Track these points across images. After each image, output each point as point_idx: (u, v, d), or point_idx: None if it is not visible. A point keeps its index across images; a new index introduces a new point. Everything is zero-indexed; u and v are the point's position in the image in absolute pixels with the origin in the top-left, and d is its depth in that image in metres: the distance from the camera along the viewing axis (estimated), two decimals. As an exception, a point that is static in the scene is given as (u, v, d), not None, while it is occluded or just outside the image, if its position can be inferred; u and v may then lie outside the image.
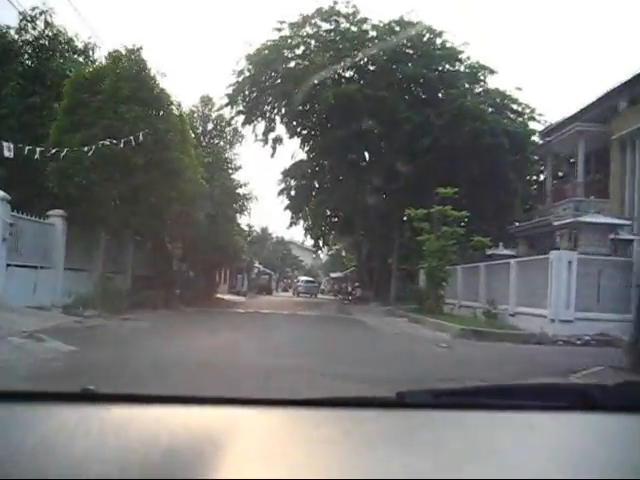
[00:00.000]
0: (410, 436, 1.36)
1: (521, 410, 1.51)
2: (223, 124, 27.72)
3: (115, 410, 1.37)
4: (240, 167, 25.11)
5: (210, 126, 24.24)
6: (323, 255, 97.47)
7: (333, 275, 67.15)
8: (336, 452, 1.21)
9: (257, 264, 64.61)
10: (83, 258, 16.67)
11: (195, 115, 23.84)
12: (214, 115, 25.79)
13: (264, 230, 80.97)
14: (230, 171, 24.45)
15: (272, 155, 33.36)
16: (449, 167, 27.44)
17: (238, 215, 26.72)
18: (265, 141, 32.95)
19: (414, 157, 28.55)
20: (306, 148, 35.95)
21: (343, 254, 58.22)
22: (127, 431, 1.26)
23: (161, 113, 14.46)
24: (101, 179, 13.45)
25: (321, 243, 39.86)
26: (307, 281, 57.52)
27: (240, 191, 25.35)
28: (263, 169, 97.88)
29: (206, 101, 26.23)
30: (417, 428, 1.41)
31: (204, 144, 22.16)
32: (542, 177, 32.26)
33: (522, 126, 29.90)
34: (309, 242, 42.10)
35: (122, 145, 12.86)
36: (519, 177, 29.63)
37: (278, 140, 33.23)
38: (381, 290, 34.91)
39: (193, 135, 20.55)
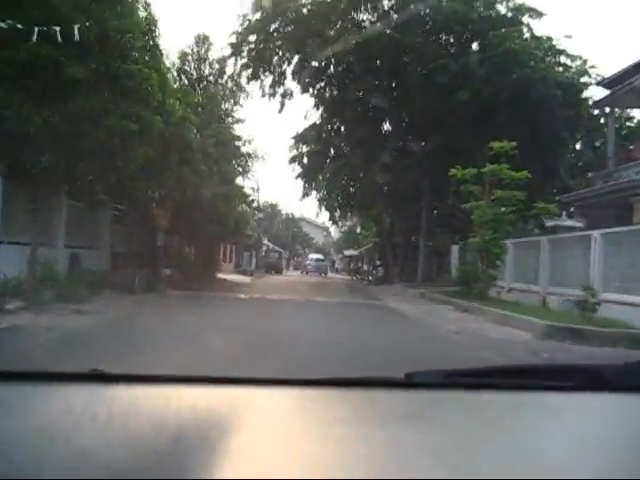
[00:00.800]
0: (420, 416, 1.35)
1: (532, 390, 1.50)
2: (223, 70, 23.28)
3: (123, 391, 1.36)
4: (243, 120, 20.73)
5: (207, 70, 19.66)
6: (335, 232, 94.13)
7: (347, 253, 62.87)
8: (345, 432, 1.19)
9: (266, 241, 60.77)
10: (36, 228, 12.50)
11: (189, 58, 19.30)
12: (212, 59, 21.24)
13: (274, 206, 77.79)
14: (231, 123, 20.13)
15: (280, 110, 28.93)
16: (492, 124, 23.06)
17: (241, 178, 22.50)
18: (273, 94, 28.56)
19: (450, 114, 24.16)
20: (321, 108, 31.53)
21: (358, 230, 53.90)
22: (135, 412, 1.25)
23: (117, 8, 9.94)
24: (19, 102, 8.76)
25: (337, 216, 35.48)
26: (317, 259, 54.65)
27: (243, 148, 21.19)
28: (272, 137, 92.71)
29: (202, 41, 21.71)
30: (426, 408, 1.41)
31: (199, 92, 17.76)
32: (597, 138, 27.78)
33: (575, 77, 25.32)
34: (321, 219, 38.49)
35: (50, 47, 8.42)
36: (573, 137, 25.12)
37: (288, 94, 28.81)
38: (406, 269, 30.73)
39: (186, 81, 16.39)
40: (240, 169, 21.27)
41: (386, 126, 29.67)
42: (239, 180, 22.84)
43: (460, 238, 29.07)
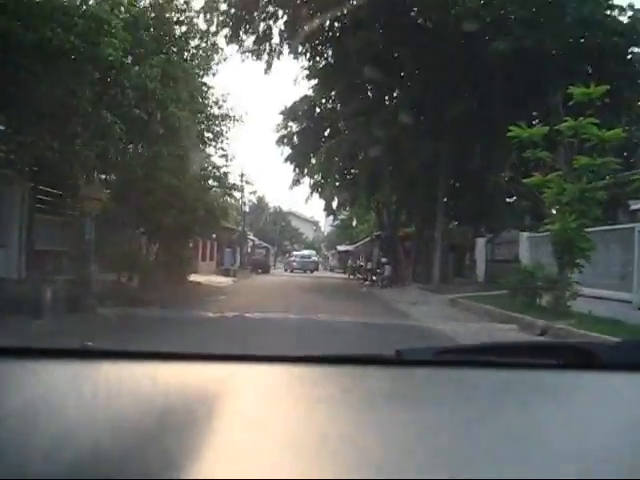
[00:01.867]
0: (410, 394, 1.34)
1: (523, 369, 1.49)
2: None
3: (109, 367, 1.36)
4: (214, 72, 15.40)
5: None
6: (326, 226, 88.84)
7: (341, 248, 57.74)
8: (334, 410, 1.19)
9: (252, 236, 55.53)
10: None
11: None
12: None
13: (260, 199, 72.79)
14: (199, 84, 14.89)
15: (266, 70, 23.61)
16: (538, 83, 18.11)
17: (213, 149, 17.24)
18: (257, 53, 23.27)
19: (479, 72, 19.18)
20: (313, 77, 26.39)
21: (354, 223, 48.76)
22: (121, 389, 1.24)
23: None
24: None
25: (334, 205, 30.28)
26: (302, 256, 49.80)
27: (214, 110, 15.95)
28: (255, 114, 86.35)
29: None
30: (417, 385, 1.41)
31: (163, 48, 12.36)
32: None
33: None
34: (310, 212, 33.35)
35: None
36: None
37: (275, 52, 23.51)
38: (418, 268, 25.71)
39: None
40: (209, 135, 16.03)
41: (394, 94, 24.53)
42: (211, 153, 17.42)
43: (488, 229, 24.10)
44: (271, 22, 23.99)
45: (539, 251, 16.78)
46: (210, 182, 17.46)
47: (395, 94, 24.44)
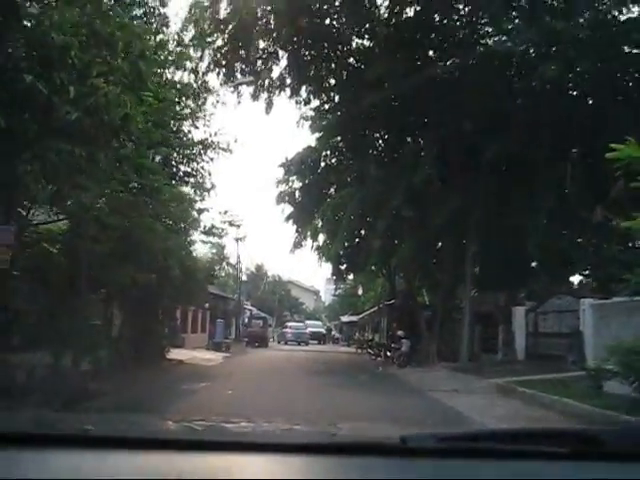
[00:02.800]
0: None
1: (528, 458, 1.45)
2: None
3: (109, 455, 1.34)
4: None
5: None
6: (327, 296, 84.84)
7: (345, 319, 53.68)
8: None
9: (249, 306, 51.62)
10: None
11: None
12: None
13: (259, 267, 69.51)
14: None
15: (267, 111, 20.22)
16: (594, 116, 14.92)
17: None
18: (257, 86, 19.92)
19: (522, 107, 15.99)
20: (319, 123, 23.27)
21: (360, 292, 44.94)
22: (122, 478, 1.24)
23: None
24: None
25: (344, 268, 26.46)
26: (297, 327, 46.86)
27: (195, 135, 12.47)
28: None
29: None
30: (422, 476, 1.37)
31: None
32: None
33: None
34: (310, 282, 29.66)
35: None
36: None
37: (274, 89, 20.19)
38: (442, 343, 21.79)
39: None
40: (186, 169, 12.47)
41: (413, 140, 21.33)
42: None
43: (528, 296, 20.36)
44: (270, 63, 21.02)
45: (610, 322, 13.30)
46: (179, 226, 13.67)
47: (414, 140, 21.17)
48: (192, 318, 32.71)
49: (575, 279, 23.33)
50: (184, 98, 13.34)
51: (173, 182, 11.63)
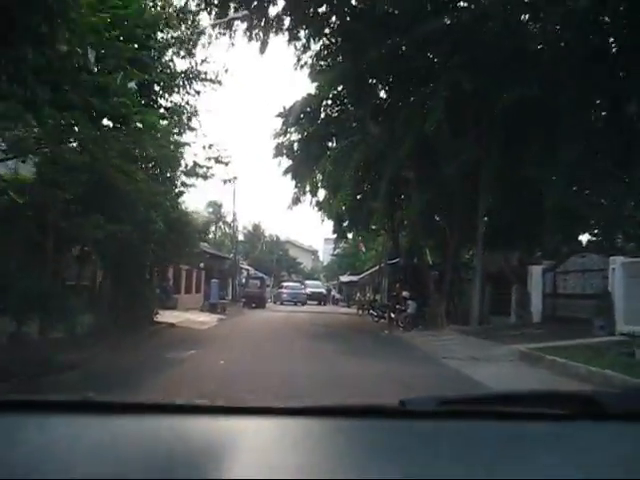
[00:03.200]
0: (414, 446, 1.31)
1: (528, 419, 1.46)
2: None
3: (111, 420, 1.34)
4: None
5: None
6: (325, 256, 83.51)
7: (344, 279, 52.40)
8: (338, 463, 1.19)
9: (246, 266, 50.35)
10: None
11: None
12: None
13: (256, 227, 68.31)
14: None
15: (262, 50, 18.37)
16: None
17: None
18: (252, 24, 18.05)
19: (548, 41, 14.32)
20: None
21: (363, 249, 43.50)
22: (124, 442, 1.23)
23: None
24: None
25: (345, 225, 24.90)
26: (292, 287, 46.30)
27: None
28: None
29: None
30: (421, 438, 1.36)
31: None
32: None
33: None
34: (308, 242, 28.04)
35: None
36: None
37: (274, 27, 18.32)
38: (450, 304, 20.51)
39: None
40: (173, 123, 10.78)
41: (424, 83, 19.58)
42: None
43: (546, 255, 18.96)
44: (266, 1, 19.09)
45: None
46: (159, 169, 11.93)
47: (424, 86, 19.42)
48: (186, 278, 31.39)
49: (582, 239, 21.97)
50: (165, 20, 11.53)
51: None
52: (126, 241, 10.12)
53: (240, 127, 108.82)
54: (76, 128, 7.91)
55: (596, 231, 20.80)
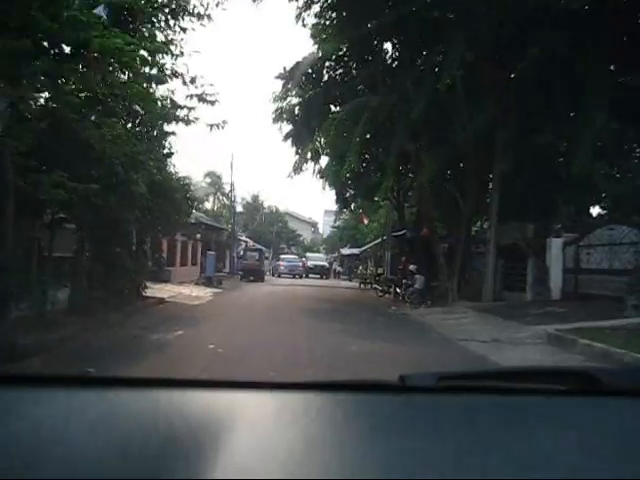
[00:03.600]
0: (413, 421, 1.31)
1: (527, 394, 1.46)
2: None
3: (111, 394, 1.33)
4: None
5: None
6: (325, 228, 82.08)
7: (345, 252, 51.15)
8: (337, 437, 1.18)
9: (244, 238, 49.06)
10: None
11: None
12: None
13: (255, 198, 66.84)
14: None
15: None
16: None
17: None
18: None
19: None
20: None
21: (365, 221, 42.13)
22: (123, 416, 1.22)
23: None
24: None
25: (348, 194, 23.50)
26: (290, 260, 46.34)
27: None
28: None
29: None
30: (420, 413, 1.35)
31: None
32: None
33: None
34: (307, 214, 26.41)
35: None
36: None
37: None
38: (462, 280, 19.20)
39: None
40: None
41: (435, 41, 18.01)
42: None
43: (566, 227, 17.62)
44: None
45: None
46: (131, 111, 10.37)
47: (437, 43, 17.85)
48: (182, 250, 30.04)
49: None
50: None
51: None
52: (103, 206, 8.77)
53: (237, 90, 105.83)
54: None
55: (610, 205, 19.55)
